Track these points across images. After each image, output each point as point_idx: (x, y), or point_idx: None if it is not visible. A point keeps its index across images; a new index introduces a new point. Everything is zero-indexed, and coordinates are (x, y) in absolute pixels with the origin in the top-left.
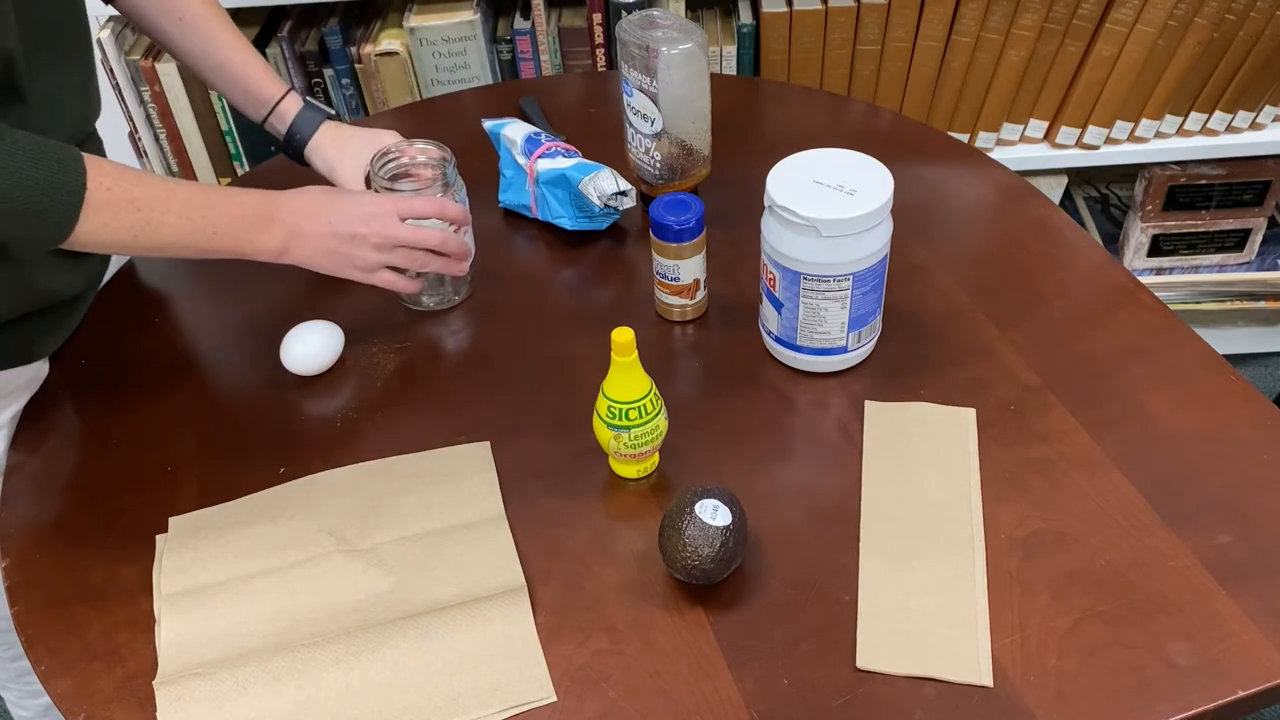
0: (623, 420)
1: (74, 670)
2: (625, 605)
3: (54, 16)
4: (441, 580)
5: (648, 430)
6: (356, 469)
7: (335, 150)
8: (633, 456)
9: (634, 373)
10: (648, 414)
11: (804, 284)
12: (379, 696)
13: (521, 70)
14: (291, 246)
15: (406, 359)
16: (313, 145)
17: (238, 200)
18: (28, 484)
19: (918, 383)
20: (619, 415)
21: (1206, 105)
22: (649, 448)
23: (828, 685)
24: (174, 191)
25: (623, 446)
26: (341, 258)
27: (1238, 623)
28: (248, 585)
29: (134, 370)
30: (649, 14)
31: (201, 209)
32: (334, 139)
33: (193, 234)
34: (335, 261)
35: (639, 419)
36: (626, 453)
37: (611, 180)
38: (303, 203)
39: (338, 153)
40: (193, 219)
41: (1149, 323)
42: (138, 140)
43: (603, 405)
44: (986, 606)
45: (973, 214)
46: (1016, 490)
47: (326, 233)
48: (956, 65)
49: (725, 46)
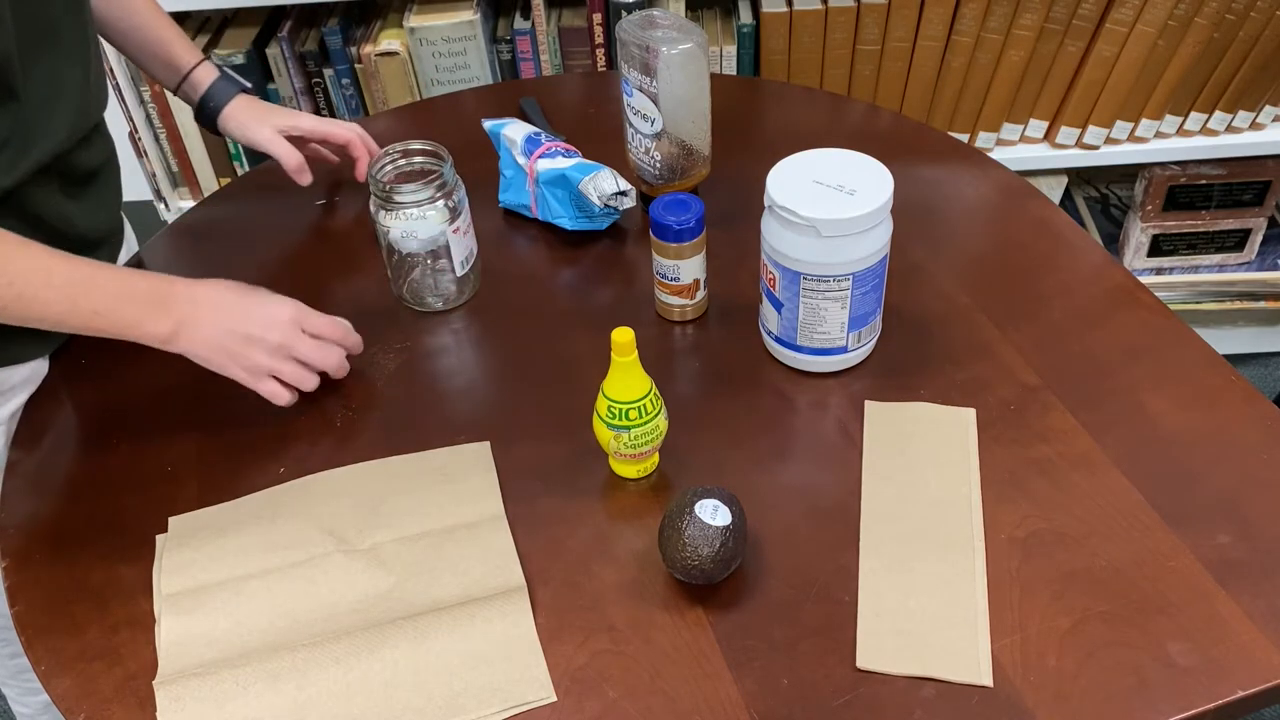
0: (623, 420)
1: (74, 670)
2: (625, 605)
3: (53, 14)
4: (441, 580)
5: (648, 430)
6: (356, 469)
7: (249, 114)
8: (633, 456)
9: (634, 373)
10: (648, 414)
11: (804, 284)
12: (379, 696)
13: (521, 70)
14: (181, 335)
15: (406, 359)
16: (226, 113)
17: (128, 282)
18: (27, 484)
19: (918, 383)
20: (619, 415)
21: (1206, 105)
22: (649, 447)
23: (828, 685)
24: (54, 268)
25: (623, 446)
26: (232, 356)
27: (1238, 623)
28: (247, 585)
29: (134, 370)
30: (649, 14)
31: (85, 288)
32: (248, 105)
33: (71, 312)
34: (223, 358)
35: (639, 419)
36: (626, 453)
37: (611, 180)
38: (204, 294)
39: (252, 117)
40: (74, 298)
41: (1149, 323)
42: (138, 140)
43: (603, 405)
44: (986, 606)
45: (973, 214)
46: (1016, 490)
47: (223, 330)
48: (956, 65)
49: (725, 46)
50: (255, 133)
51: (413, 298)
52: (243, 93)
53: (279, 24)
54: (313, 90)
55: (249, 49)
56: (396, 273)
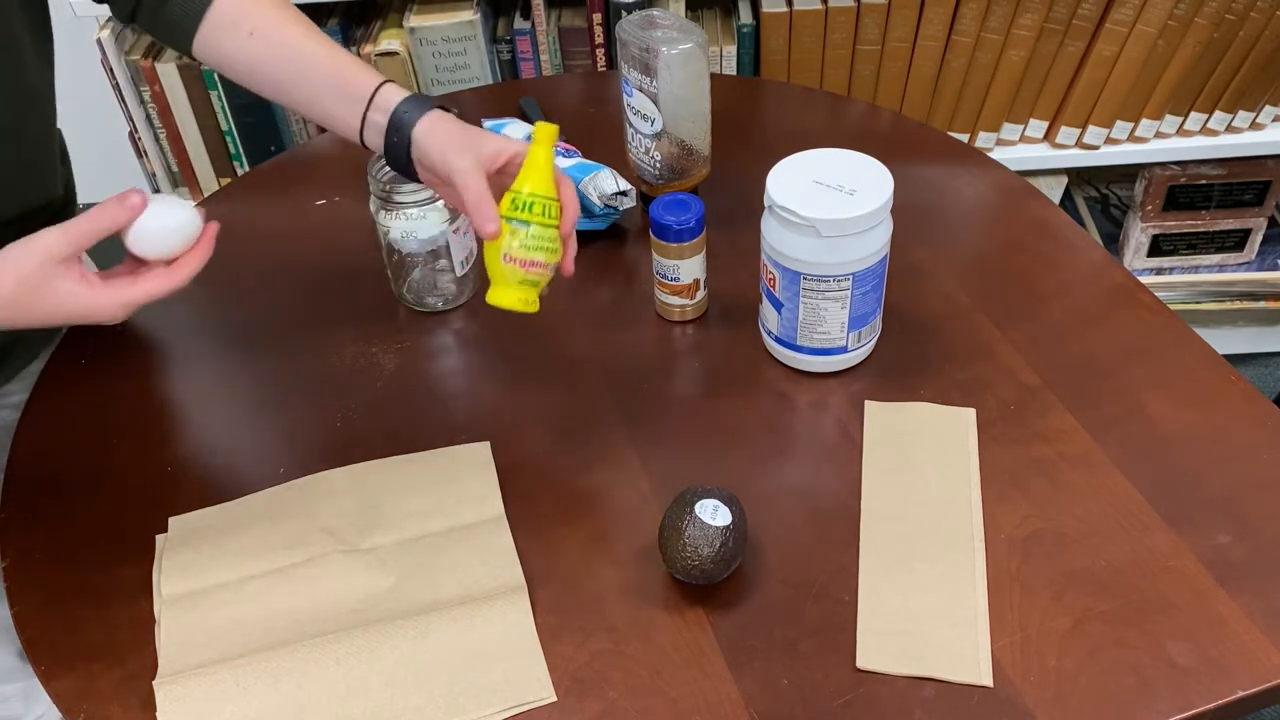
0: (525, 213)
1: (74, 670)
2: (625, 605)
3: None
4: (441, 580)
5: (545, 236)
6: (356, 469)
7: (449, 134)
8: (521, 264)
9: (547, 171)
10: (550, 216)
11: (804, 284)
12: (379, 696)
13: (521, 70)
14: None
15: (406, 359)
16: (421, 130)
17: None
18: (27, 484)
19: (918, 383)
20: (522, 207)
21: (1206, 105)
22: (540, 260)
23: (828, 685)
24: None
25: (516, 248)
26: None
27: (1238, 623)
28: (248, 585)
29: (134, 370)
30: (649, 14)
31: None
32: (446, 121)
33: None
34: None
35: (541, 216)
36: (517, 256)
37: (611, 180)
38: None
39: (454, 137)
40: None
41: (1149, 323)
42: (138, 140)
43: (506, 200)
44: (986, 606)
45: (973, 214)
46: (1016, 490)
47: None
48: (956, 65)
49: (725, 46)
50: (456, 159)
51: (413, 298)
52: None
53: None
54: None
55: None
56: (396, 273)
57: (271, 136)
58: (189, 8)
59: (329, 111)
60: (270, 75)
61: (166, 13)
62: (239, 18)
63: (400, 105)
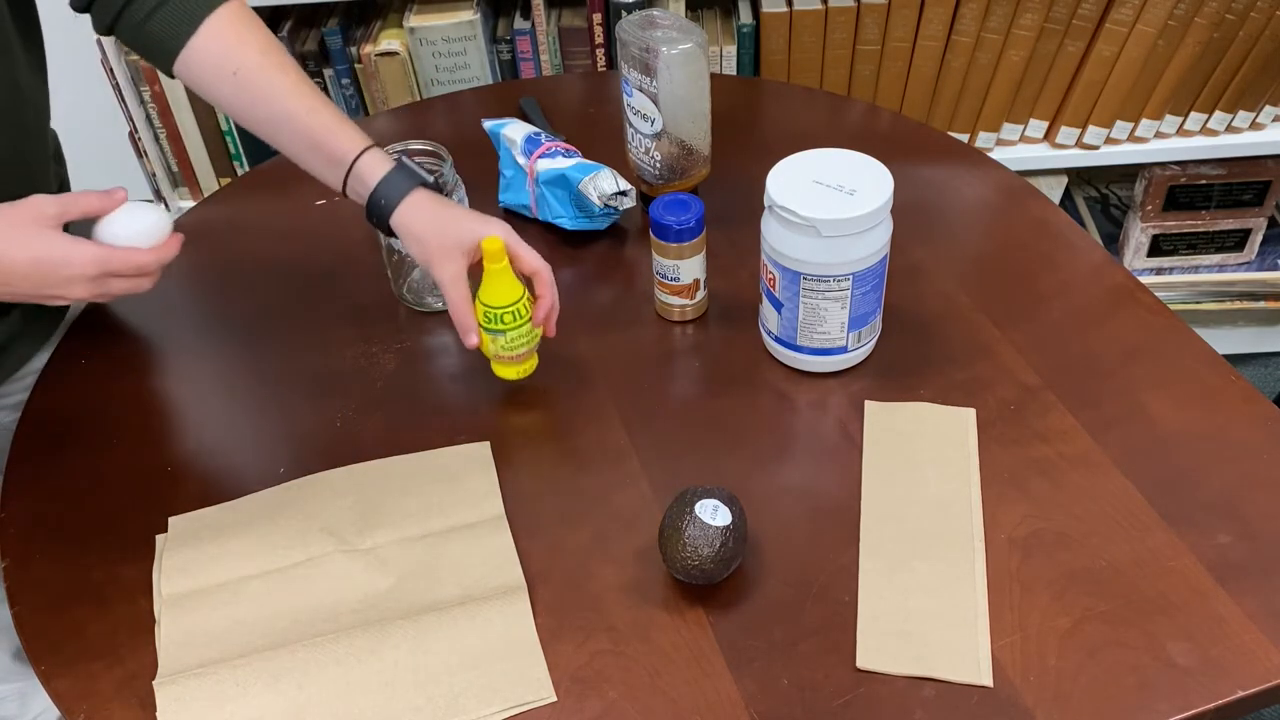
0: (498, 324)
1: (74, 670)
2: (625, 605)
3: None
4: (441, 580)
5: (522, 334)
6: (356, 469)
7: (425, 239)
8: (511, 359)
9: (505, 279)
10: (521, 318)
11: (804, 284)
12: (379, 696)
13: (521, 70)
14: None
15: (406, 359)
16: (403, 214)
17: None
18: (27, 484)
19: (918, 383)
20: (495, 319)
21: (1206, 105)
22: (524, 349)
23: (828, 685)
24: None
25: (500, 349)
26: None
27: (1238, 623)
28: (248, 585)
29: (134, 370)
30: (649, 14)
31: None
32: (424, 209)
33: None
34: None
35: (513, 322)
36: (505, 354)
37: (611, 180)
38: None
39: (430, 240)
40: None
41: (1149, 323)
42: (138, 140)
43: (480, 312)
44: (986, 606)
45: (973, 214)
46: (1016, 490)
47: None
48: (956, 65)
49: (725, 46)
50: (440, 268)
51: (413, 298)
52: (423, 187)
53: (279, 24)
54: None
55: None
56: (396, 273)
57: None
58: (175, 28)
59: (309, 166)
60: (250, 119)
61: (150, 28)
62: (225, 54)
63: (378, 189)
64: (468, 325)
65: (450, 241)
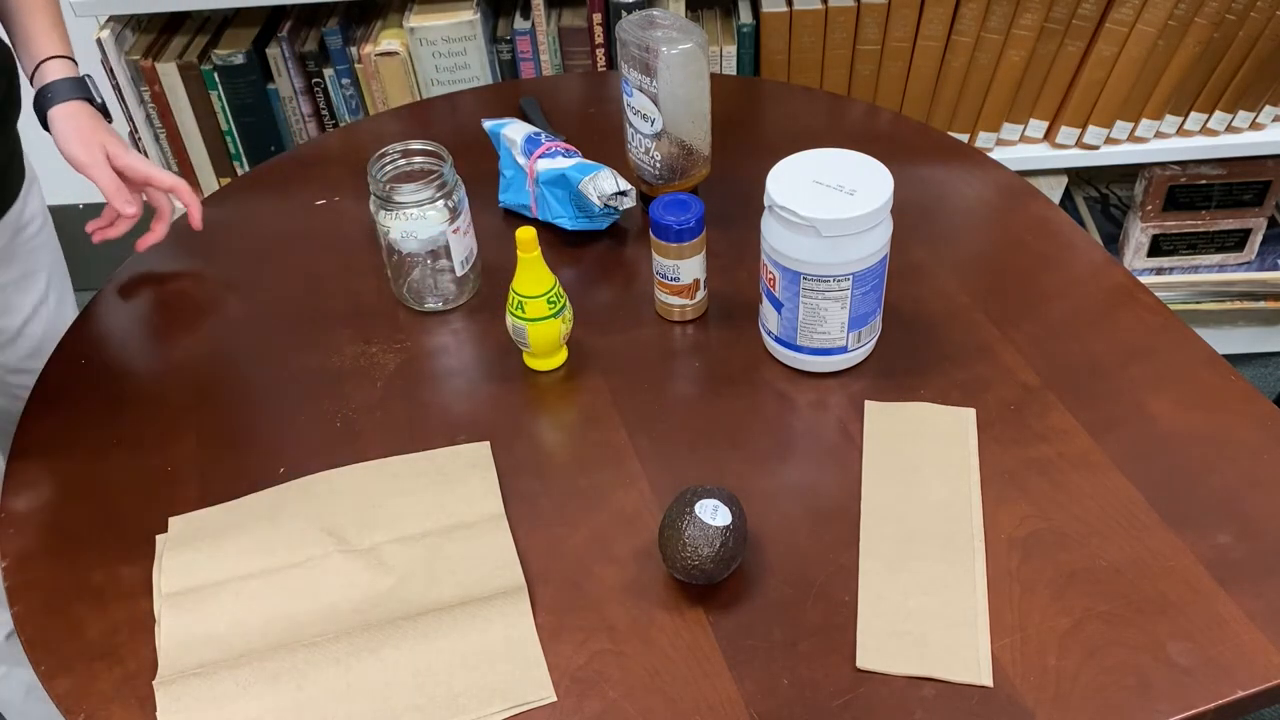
0: (527, 313)
1: (74, 670)
2: (625, 605)
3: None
4: (441, 580)
5: (554, 323)
6: (356, 469)
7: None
8: (543, 349)
9: (537, 268)
10: (553, 307)
11: (804, 284)
12: (379, 696)
13: (521, 70)
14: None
15: (406, 359)
16: (55, 114)
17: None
18: (27, 484)
19: (918, 383)
20: (522, 307)
21: (1206, 105)
22: (556, 339)
23: (828, 685)
24: None
25: (531, 340)
26: None
27: (1238, 623)
28: (248, 585)
29: (134, 370)
30: (649, 14)
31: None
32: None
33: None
34: None
35: (546, 311)
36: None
37: (611, 180)
38: None
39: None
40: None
41: (1149, 323)
42: (138, 140)
43: (512, 300)
44: (986, 606)
45: (973, 214)
46: (1016, 490)
47: None
48: (956, 65)
49: (725, 46)
50: (77, 149)
51: (413, 298)
52: (84, 101)
53: (279, 24)
54: (313, 90)
55: (249, 49)
56: (396, 273)
57: (271, 136)
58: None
59: (17, 55)
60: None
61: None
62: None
63: (50, 85)
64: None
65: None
